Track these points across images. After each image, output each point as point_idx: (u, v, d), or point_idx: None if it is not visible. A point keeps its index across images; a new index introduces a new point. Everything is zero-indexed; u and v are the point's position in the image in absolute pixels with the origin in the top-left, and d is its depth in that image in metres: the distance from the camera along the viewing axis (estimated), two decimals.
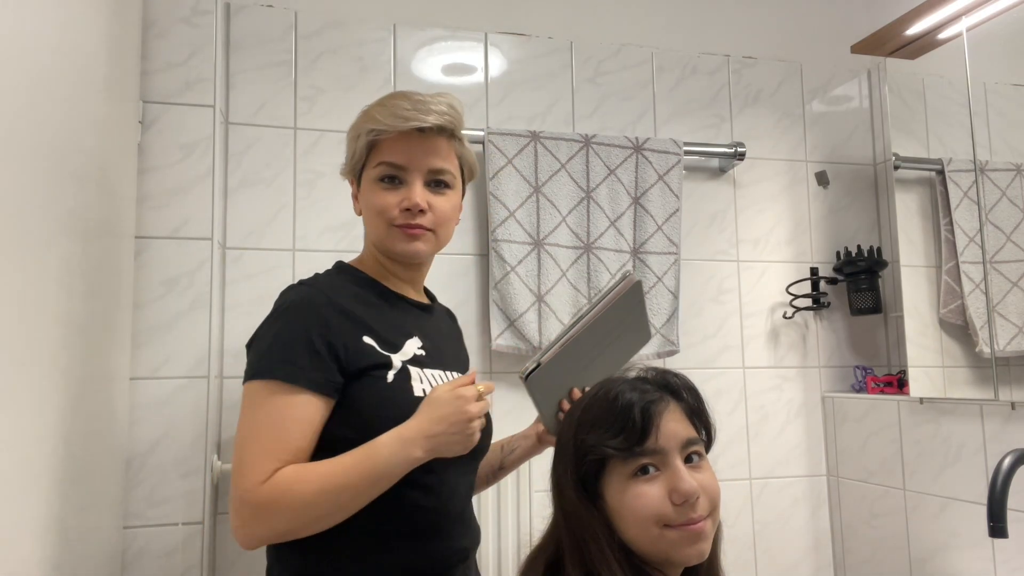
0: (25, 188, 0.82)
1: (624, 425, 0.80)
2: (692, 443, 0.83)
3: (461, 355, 1.25)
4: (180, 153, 1.42)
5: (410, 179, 1.04)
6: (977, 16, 1.53)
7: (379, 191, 1.04)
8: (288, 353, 0.96)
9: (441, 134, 1.06)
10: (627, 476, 0.80)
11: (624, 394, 0.83)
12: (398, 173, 1.04)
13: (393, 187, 1.04)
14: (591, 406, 0.85)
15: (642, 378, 0.87)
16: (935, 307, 1.64)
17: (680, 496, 0.78)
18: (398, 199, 1.03)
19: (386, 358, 1.01)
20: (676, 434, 0.81)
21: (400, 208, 1.03)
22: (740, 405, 1.86)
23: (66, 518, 0.99)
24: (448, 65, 1.76)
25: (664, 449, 0.80)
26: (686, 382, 0.88)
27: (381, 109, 1.04)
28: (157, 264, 1.39)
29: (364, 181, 1.07)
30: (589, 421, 0.83)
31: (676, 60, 1.91)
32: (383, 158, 1.04)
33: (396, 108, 1.02)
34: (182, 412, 1.37)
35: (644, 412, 0.80)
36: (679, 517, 0.78)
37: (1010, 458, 1.15)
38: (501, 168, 1.68)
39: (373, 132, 1.03)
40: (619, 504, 0.80)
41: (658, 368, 0.89)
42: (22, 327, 0.82)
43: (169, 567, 1.32)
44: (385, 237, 1.05)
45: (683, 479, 0.79)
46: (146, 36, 1.41)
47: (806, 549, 1.87)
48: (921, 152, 1.70)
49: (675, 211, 1.78)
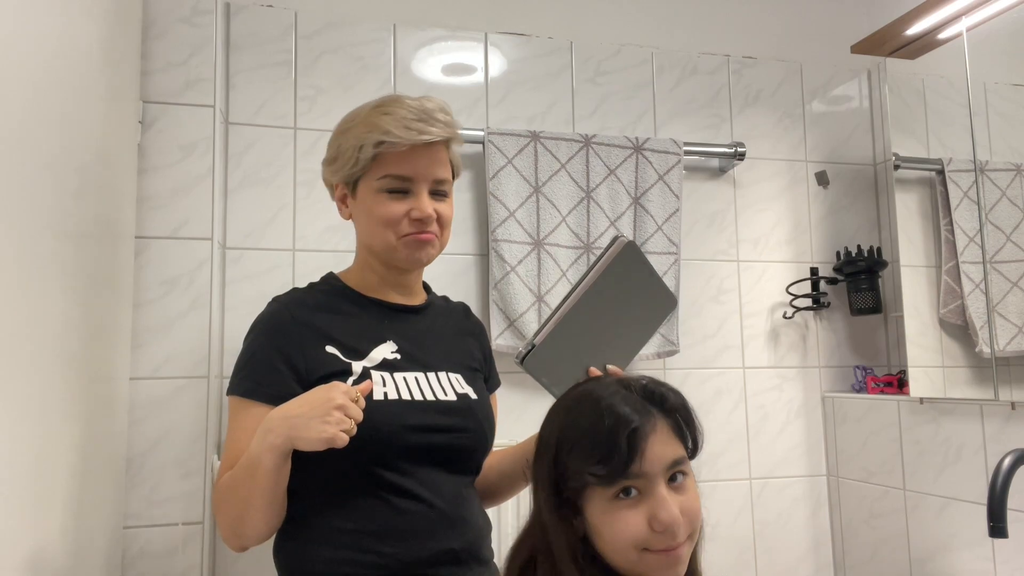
0: (25, 188, 0.82)
1: (610, 451, 0.78)
2: (677, 463, 0.81)
3: (467, 353, 1.19)
4: (180, 153, 1.42)
5: (417, 190, 1.05)
6: (977, 16, 1.53)
7: (385, 201, 1.05)
8: (250, 369, 1.03)
9: (443, 144, 1.08)
10: (608, 498, 0.79)
11: (608, 413, 0.79)
12: (405, 184, 1.05)
13: (400, 197, 1.05)
14: (577, 417, 0.82)
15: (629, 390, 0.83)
16: (935, 307, 1.65)
17: (661, 526, 0.77)
18: (406, 209, 1.04)
19: (346, 365, 1.03)
20: (662, 457, 0.79)
21: (410, 218, 1.05)
22: (740, 405, 1.86)
23: (66, 518, 0.99)
24: (448, 65, 1.76)
25: (648, 473, 0.78)
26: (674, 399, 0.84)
27: (387, 119, 1.03)
28: (157, 264, 1.38)
29: (363, 189, 1.07)
30: (572, 440, 0.81)
31: (676, 60, 1.91)
32: (391, 171, 1.04)
33: (402, 119, 1.02)
34: (182, 412, 1.37)
35: (631, 438, 0.78)
36: (658, 543, 0.77)
37: (1010, 458, 1.15)
38: (501, 168, 1.68)
39: (383, 144, 1.02)
40: (599, 524, 0.79)
41: (647, 380, 0.85)
42: (22, 327, 0.82)
43: (169, 567, 1.32)
44: (393, 247, 1.06)
45: (665, 508, 0.77)
46: (146, 36, 1.41)
47: (806, 549, 1.87)
48: (921, 152, 1.70)
49: (675, 211, 1.78)
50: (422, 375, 1.07)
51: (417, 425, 1.01)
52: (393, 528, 0.98)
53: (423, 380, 1.07)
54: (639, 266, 1.08)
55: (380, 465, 0.99)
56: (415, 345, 1.10)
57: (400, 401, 1.02)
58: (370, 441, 0.96)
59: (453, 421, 1.05)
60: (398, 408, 1.01)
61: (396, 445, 1.00)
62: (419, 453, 1.02)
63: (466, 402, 1.08)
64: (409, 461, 1.01)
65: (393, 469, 1.00)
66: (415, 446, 1.01)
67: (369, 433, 0.95)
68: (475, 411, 1.09)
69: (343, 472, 0.99)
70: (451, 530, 1.02)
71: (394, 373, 1.05)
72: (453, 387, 1.09)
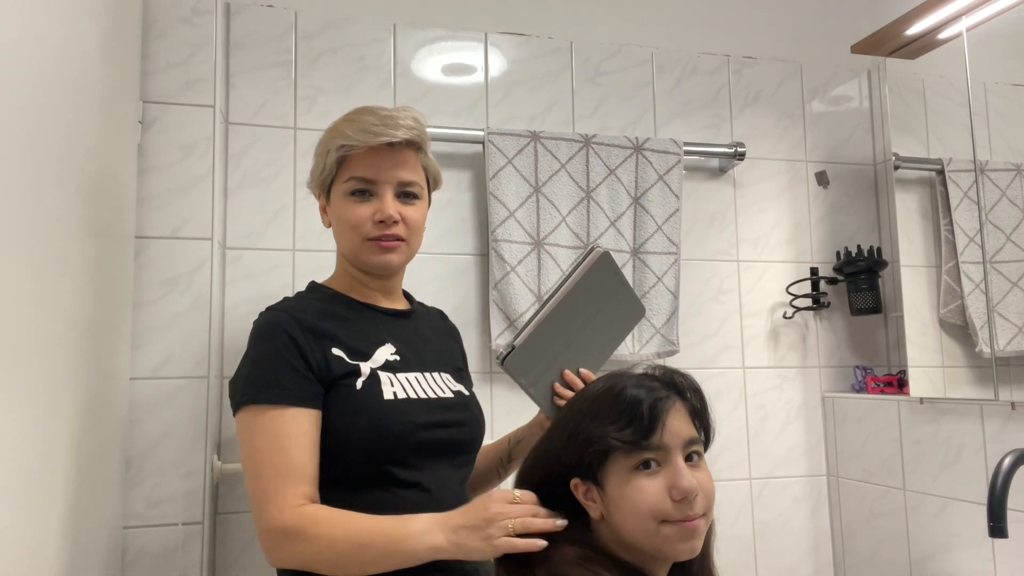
0: (25, 189, 0.82)
1: (632, 419, 0.82)
2: (694, 442, 0.85)
3: (451, 354, 1.26)
4: (180, 153, 1.42)
5: (381, 192, 1.08)
6: (977, 16, 1.53)
7: (350, 204, 1.08)
8: (268, 376, 1.01)
9: (409, 147, 1.10)
10: (629, 469, 0.82)
11: (631, 389, 0.84)
12: (369, 187, 1.08)
13: (364, 200, 1.08)
14: (599, 399, 0.86)
15: (649, 375, 0.88)
16: (935, 307, 1.65)
17: (680, 492, 0.80)
18: (370, 212, 1.07)
19: (355, 366, 1.05)
20: (680, 432, 0.83)
21: (373, 220, 1.07)
22: (740, 405, 1.86)
23: (66, 518, 0.99)
24: (448, 65, 1.76)
25: (668, 446, 0.82)
26: (692, 383, 0.89)
27: (350, 125, 1.07)
28: (157, 264, 1.38)
29: (334, 195, 1.11)
30: (594, 412, 0.85)
31: (676, 60, 1.91)
32: (353, 172, 1.07)
33: (364, 124, 1.06)
34: (182, 412, 1.37)
35: (652, 408, 0.82)
36: (677, 513, 0.80)
37: (1010, 458, 1.15)
38: (501, 168, 1.68)
39: (343, 148, 1.06)
40: (619, 495, 0.82)
41: (665, 367, 0.91)
42: (22, 327, 0.82)
43: (169, 567, 1.32)
44: (359, 250, 1.09)
45: (684, 476, 0.81)
46: (146, 36, 1.41)
47: (806, 549, 1.87)
48: (921, 152, 1.70)
49: (675, 211, 1.78)
50: (420, 375, 1.12)
51: (426, 422, 1.05)
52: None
53: (422, 380, 1.11)
54: (613, 275, 1.13)
55: (392, 462, 1.02)
56: (409, 347, 1.14)
57: (408, 400, 1.06)
58: (385, 439, 1.01)
59: (455, 416, 1.10)
60: (408, 407, 1.05)
61: (409, 442, 1.03)
62: (428, 448, 1.05)
63: (462, 398, 1.15)
64: (419, 456, 1.04)
65: (404, 465, 1.03)
66: (425, 442, 1.05)
67: (384, 432, 1.01)
68: (471, 406, 1.16)
69: (358, 466, 1.02)
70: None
71: (396, 374, 1.09)
72: (448, 385, 1.14)
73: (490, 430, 1.39)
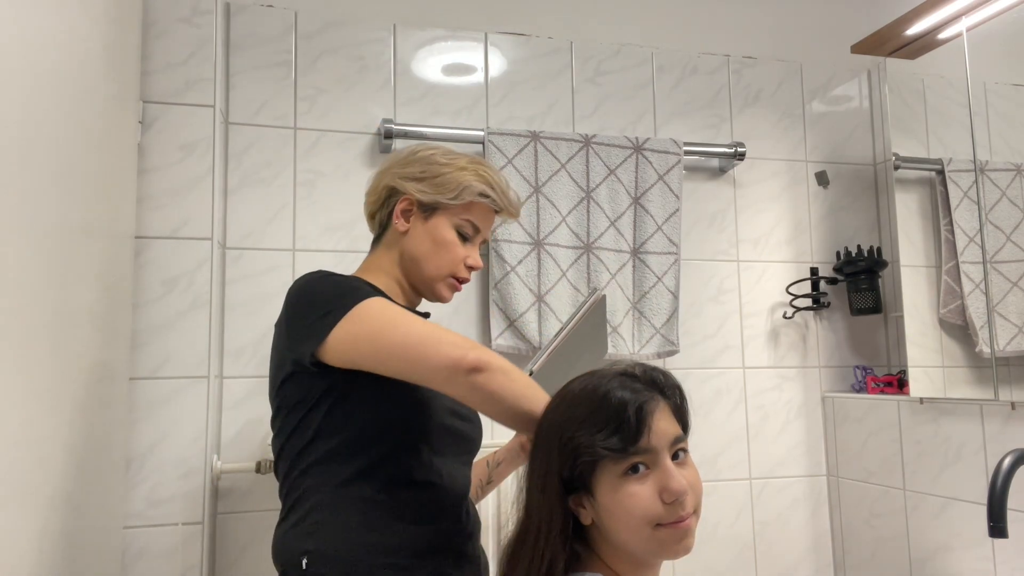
0: (25, 188, 0.82)
1: (619, 425, 0.80)
2: (679, 440, 0.84)
3: None
4: (180, 153, 1.42)
5: (476, 242, 1.17)
6: (977, 16, 1.53)
7: (456, 239, 1.15)
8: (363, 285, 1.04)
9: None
10: (618, 475, 0.81)
11: (615, 392, 0.82)
12: (474, 234, 1.17)
13: (463, 241, 1.16)
14: (579, 403, 0.84)
15: (630, 375, 0.86)
16: (935, 307, 1.64)
17: (671, 495, 0.79)
18: (465, 253, 1.15)
19: None
20: (666, 432, 0.82)
21: (466, 264, 1.16)
22: (740, 405, 1.86)
23: (66, 518, 0.99)
24: (448, 65, 1.76)
25: (656, 448, 0.81)
26: (672, 380, 0.88)
27: (497, 184, 1.15)
28: (157, 264, 1.39)
29: (439, 219, 1.14)
30: (579, 419, 0.83)
31: (676, 60, 1.91)
32: (473, 219, 1.15)
33: (512, 196, 1.18)
34: (182, 412, 1.37)
35: (638, 412, 0.81)
36: (669, 516, 0.80)
37: (1010, 458, 1.15)
38: (501, 168, 1.68)
39: (487, 199, 1.14)
40: (611, 502, 0.81)
41: (644, 364, 0.89)
42: (22, 327, 0.82)
43: (169, 567, 1.32)
44: (437, 278, 1.15)
45: (674, 478, 0.80)
46: (146, 36, 1.41)
47: (806, 549, 1.87)
48: (921, 152, 1.70)
49: (675, 211, 1.78)
50: None
51: (455, 410, 1.11)
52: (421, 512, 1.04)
53: None
54: (602, 317, 1.29)
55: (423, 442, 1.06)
56: None
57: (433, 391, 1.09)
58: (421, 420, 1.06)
59: (469, 412, 1.15)
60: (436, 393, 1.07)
61: (441, 424, 1.08)
62: (450, 435, 1.10)
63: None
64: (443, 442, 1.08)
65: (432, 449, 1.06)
66: (448, 427, 1.10)
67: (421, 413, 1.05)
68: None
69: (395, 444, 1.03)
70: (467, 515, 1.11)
71: None
72: None
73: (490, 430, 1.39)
